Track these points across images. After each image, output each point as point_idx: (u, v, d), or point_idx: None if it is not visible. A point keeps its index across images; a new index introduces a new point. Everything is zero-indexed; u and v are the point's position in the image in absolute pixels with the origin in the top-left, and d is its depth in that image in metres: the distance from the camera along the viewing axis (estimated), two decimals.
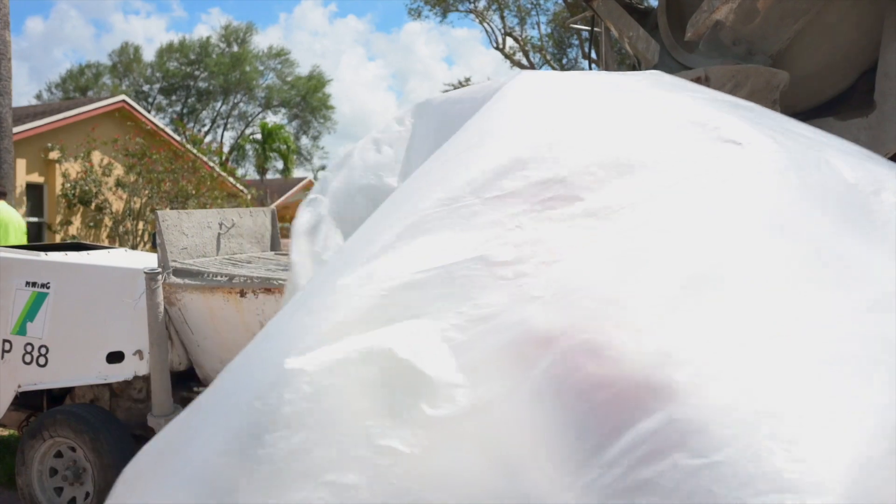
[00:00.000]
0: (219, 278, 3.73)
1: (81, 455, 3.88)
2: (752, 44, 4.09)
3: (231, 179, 20.64)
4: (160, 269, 3.79)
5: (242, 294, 3.67)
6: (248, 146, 39.21)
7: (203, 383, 4.12)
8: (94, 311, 3.99)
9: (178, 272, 3.87)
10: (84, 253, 4.53)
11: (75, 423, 3.86)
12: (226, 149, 33.56)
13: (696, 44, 4.37)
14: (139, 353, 3.86)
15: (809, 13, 4.05)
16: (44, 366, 4.07)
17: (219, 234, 4.27)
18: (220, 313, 3.78)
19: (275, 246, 4.68)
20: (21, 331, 4.13)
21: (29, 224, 16.05)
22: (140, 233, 17.34)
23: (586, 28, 6.71)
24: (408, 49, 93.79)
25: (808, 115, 4.54)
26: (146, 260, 4.55)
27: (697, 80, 3.94)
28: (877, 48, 4.13)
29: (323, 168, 43.13)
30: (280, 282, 3.58)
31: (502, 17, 21.47)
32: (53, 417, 3.94)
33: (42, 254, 4.31)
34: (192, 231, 4.09)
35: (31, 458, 3.96)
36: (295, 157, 41.07)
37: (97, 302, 3.99)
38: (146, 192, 16.81)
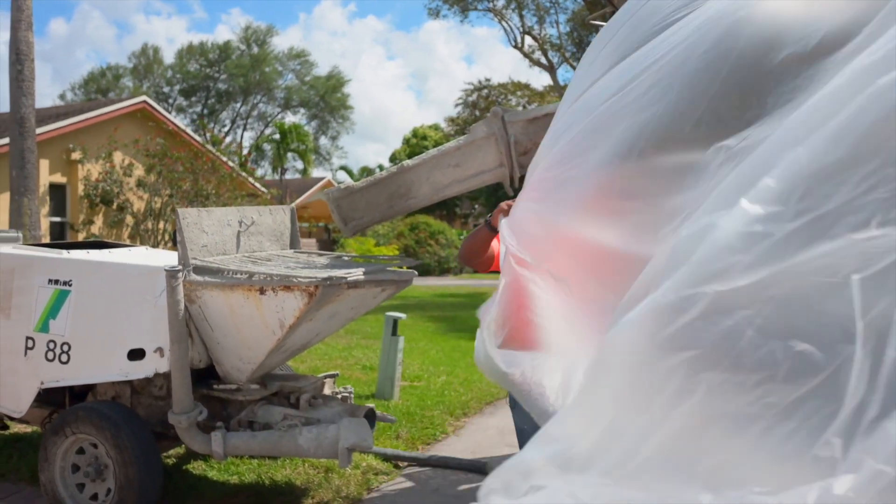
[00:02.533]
0: (238, 276, 3.74)
1: (103, 451, 3.91)
2: None
3: (251, 179, 20.77)
4: (180, 267, 3.79)
5: (262, 292, 3.67)
6: (266, 146, 39.41)
7: (223, 380, 4.14)
8: (116, 308, 4.02)
9: (198, 270, 3.88)
10: (105, 251, 4.56)
11: (97, 419, 3.89)
12: (244, 150, 33.72)
13: None
14: (160, 350, 3.88)
15: None
16: (66, 363, 4.10)
17: (238, 231, 4.27)
18: (240, 311, 3.79)
19: (294, 244, 4.68)
20: (44, 328, 4.16)
21: (52, 223, 16.29)
22: (161, 232, 17.49)
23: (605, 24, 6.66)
24: (427, 48, 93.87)
25: None
26: (167, 258, 4.57)
27: None
28: None
29: (343, 168, 43.31)
30: (299, 279, 3.58)
31: (521, 16, 21.41)
32: (75, 414, 3.96)
33: (64, 252, 4.34)
34: (212, 229, 4.10)
35: (54, 454, 4.00)
36: (313, 156, 41.22)
37: (119, 299, 4.02)
38: (166, 191, 16.96)
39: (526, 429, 3.04)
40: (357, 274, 3.71)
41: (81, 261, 4.23)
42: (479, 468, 4.96)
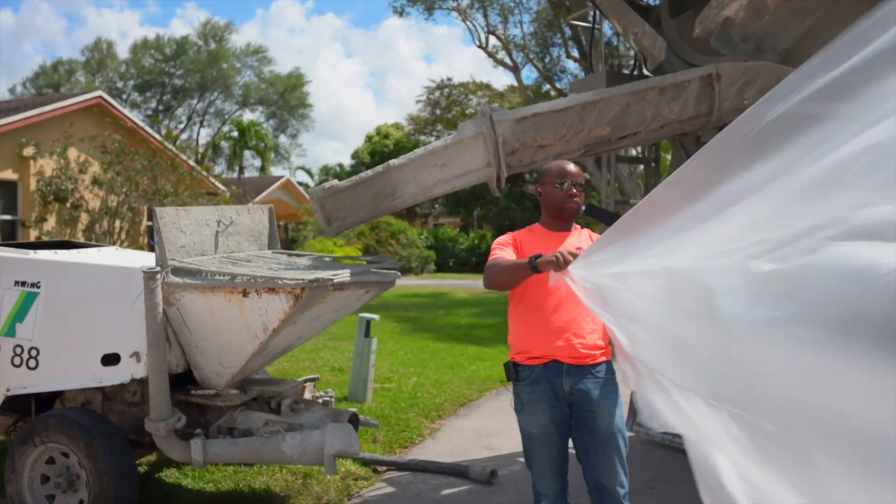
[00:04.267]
0: (220, 277, 3.61)
1: (75, 461, 3.74)
2: (761, 41, 4.05)
3: (211, 178, 20.38)
4: (159, 268, 3.65)
5: (245, 294, 3.55)
6: (223, 143, 38.77)
7: (201, 386, 4.00)
8: (89, 311, 3.85)
9: (176, 271, 3.74)
10: (74, 251, 4.38)
11: (69, 427, 3.72)
12: (201, 147, 33.14)
13: (701, 41, 4.32)
14: (136, 354, 3.73)
15: (818, 11, 4.01)
16: (34, 368, 3.92)
17: (217, 231, 4.14)
18: (221, 313, 3.66)
19: (273, 244, 4.56)
20: (10, 332, 3.97)
21: (3, 221, 15.74)
22: (117, 231, 17.04)
23: (587, 24, 6.64)
24: (386, 46, 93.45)
25: None
26: (139, 259, 4.41)
27: (708, 78, 3.90)
28: None
29: (301, 168, 42.87)
30: (285, 281, 3.47)
31: (485, 15, 21.40)
32: (46, 422, 3.79)
33: (31, 252, 4.15)
34: (190, 229, 3.96)
35: (22, 464, 3.81)
36: (272, 155, 40.72)
37: (92, 302, 3.85)
38: (124, 189, 16.51)
39: (534, 433, 2.99)
40: (344, 275, 3.61)
41: (50, 261, 4.05)
42: (461, 472, 4.90)
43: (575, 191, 3.04)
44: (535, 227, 3.16)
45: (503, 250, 3.05)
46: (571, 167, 3.10)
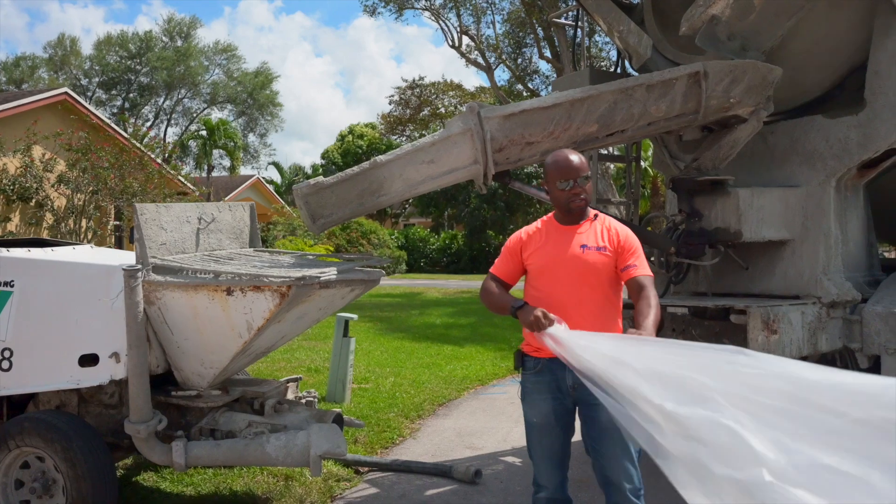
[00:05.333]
0: (203, 275, 3.52)
1: (51, 465, 3.62)
2: (747, 39, 4.07)
3: (180, 178, 20.07)
4: (139, 266, 3.55)
5: (229, 292, 3.47)
6: (192, 142, 38.23)
7: (182, 386, 3.90)
8: (65, 310, 3.73)
9: (157, 269, 3.64)
10: (49, 249, 4.24)
11: (45, 431, 3.60)
12: (169, 146, 32.59)
13: (685, 39, 4.32)
14: (115, 355, 3.62)
15: (803, 10, 4.04)
16: (7, 370, 3.79)
17: (198, 229, 4.04)
18: (204, 312, 3.57)
19: (254, 242, 4.47)
20: None
21: None
22: (83, 231, 16.69)
23: (570, 24, 6.64)
24: (356, 45, 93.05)
25: (796, 112, 4.56)
26: (116, 256, 4.29)
27: (696, 75, 3.90)
28: (866, 46, 4.15)
29: (273, 163, 42.44)
30: (271, 279, 3.40)
31: (458, 15, 21.37)
32: (20, 425, 3.66)
33: (3, 250, 4.02)
34: (171, 226, 3.86)
35: None
36: (242, 154, 40.27)
37: (69, 301, 3.74)
38: (90, 188, 16.18)
39: (535, 422, 2.98)
40: (331, 273, 3.55)
41: (24, 259, 3.91)
42: (445, 472, 4.85)
43: (579, 188, 2.93)
44: (549, 220, 3.08)
45: (503, 262, 3.10)
46: (573, 161, 2.96)
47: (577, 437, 3.04)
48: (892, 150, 4.06)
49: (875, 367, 4.03)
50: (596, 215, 3.04)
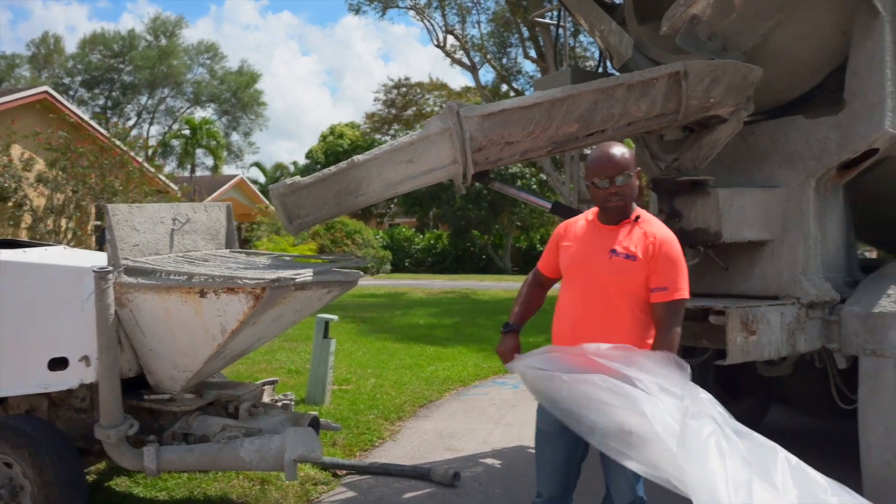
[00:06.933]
0: (176, 277, 3.45)
1: (19, 472, 3.54)
2: (727, 39, 4.04)
3: (161, 177, 19.90)
4: (111, 268, 3.48)
5: (203, 294, 3.40)
6: (174, 141, 37.96)
7: (154, 390, 3.83)
8: (34, 313, 3.65)
9: (130, 271, 3.57)
10: (19, 250, 4.16)
11: (12, 436, 3.52)
12: (152, 143, 32.35)
13: (666, 39, 4.30)
14: (86, 358, 3.55)
15: (783, 10, 4.02)
16: None
17: (172, 229, 3.97)
18: (177, 315, 3.51)
19: (230, 243, 4.40)
20: None
21: None
22: (63, 230, 16.50)
23: (552, 23, 6.60)
24: (344, 44, 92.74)
25: (776, 112, 4.55)
26: (89, 258, 4.21)
27: (676, 75, 3.87)
28: (846, 47, 4.14)
29: (256, 164, 42.19)
30: (245, 281, 3.34)
31: (443, 15, 21.32)
32: None
33: None
34: (144, 227, 3.79)
35: None
36: (225, 153, 40.03)
37: (38, 303, 3.65)
38: (70, 187, 16.00)
39: (542, 429, 2.93)
40: (306, 275, 3.49)
41: None
42: (423, 475, 4.80)
43: (616, 187, 2.72)
44: (594, 214, 2.91)
45: (545, 254, 3.07)
46: (614, 156, 2.74)
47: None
48: (871, 150, 4.05)
49: (853, 368, 4.03)
50: (638, 217, 2.81)
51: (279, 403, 4.26)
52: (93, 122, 18.95)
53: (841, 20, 4.13)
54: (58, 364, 3.59)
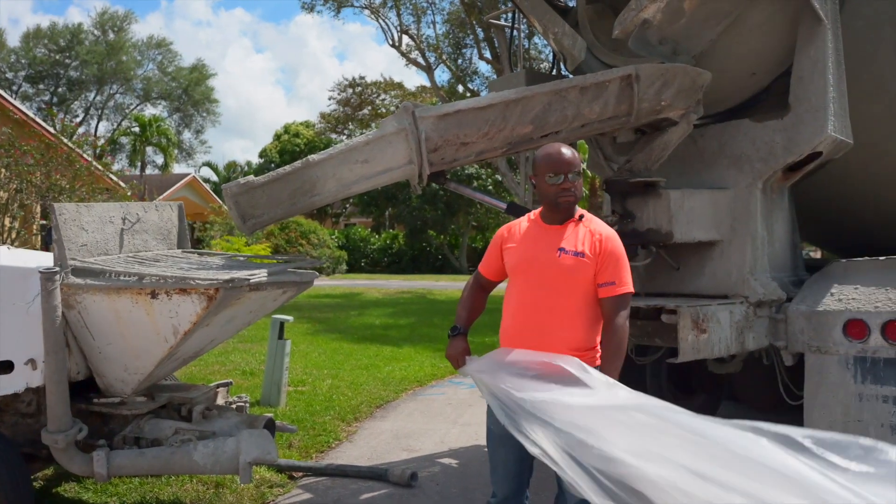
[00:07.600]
0: (126, 278, 3.39)
1: None
2: (678, 43, 4.12)
3: (111, 175, 19.44)
4: (57, 269, 3.40)
5: (154, 295, 3.34)
6: (123, 139, 37.13)
7: (104, 393, 3.75)
8: None
9: (77, 271, 3.49)
10: None
11: None
12: (100, 142, 31.56)
13: (618, 42, 4.37)
14: (32, 362, 3.46)
15: (732, 15, 4.12)
16: None
17: (122, 229, 3.89)
18: (127, 316, 3.44)
19: (182, 243, 4.33)
20: None
21: None
22: (7, 230, 16.01)
23: (507, 25, 6.64)
24: (298, 42, 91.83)
25: (724, 116, 4.66)
26: (35, 258, 4.10)
27: (628, 78, 3.94)
28: (791, 52, 4.26)
29: (207, 164, 41.53)
30: (198, 281, 3.29)
31: (398, 15, 21.27)
32: None
33: None
34: (92, 226, 3.71)
35: None
36: (176, 151, 39.31)
37: None
38: (13, 185, 15.53)
39: (492, 430, 2.92)
40: (261, 275, 3.46)
41: None
42: (380, 475, 4.79)
43: (569, 183, 2.79)
44: (537, 216, 2.95)
45: (486, 257, 3.08)
46: (564, 155, 2.82)
47: None
48: (815, 153, 4.17)
49: (799, 365, 4.15)
50: (582, 216, 2.89)
51: (233, 406, 4.21)
52: (38, 119, 18.42)
53: (787, 27, 4.24)
54: (2, 367, 3.49)
